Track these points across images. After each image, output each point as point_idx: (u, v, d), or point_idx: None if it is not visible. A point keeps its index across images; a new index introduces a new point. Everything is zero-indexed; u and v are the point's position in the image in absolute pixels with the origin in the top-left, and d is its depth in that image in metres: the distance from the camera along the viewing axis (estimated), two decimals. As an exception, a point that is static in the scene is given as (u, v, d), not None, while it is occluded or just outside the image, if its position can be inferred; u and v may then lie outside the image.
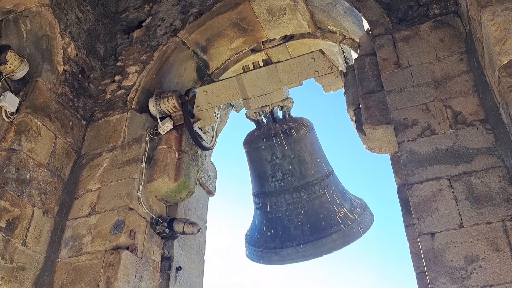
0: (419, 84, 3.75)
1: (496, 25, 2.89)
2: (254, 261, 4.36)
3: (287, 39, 5.59)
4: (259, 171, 4.58)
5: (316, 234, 4.08)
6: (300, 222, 4.16)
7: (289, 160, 4.40)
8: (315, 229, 4.11)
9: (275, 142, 4.42)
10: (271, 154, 4.44)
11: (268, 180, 4.43)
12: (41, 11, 5.06)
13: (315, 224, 4.14)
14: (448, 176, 3.24)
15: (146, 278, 4.23)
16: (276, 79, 4.56)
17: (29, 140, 4.49)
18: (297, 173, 4.35)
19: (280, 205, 4.33)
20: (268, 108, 4.62)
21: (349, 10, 4.71)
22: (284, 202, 4.31)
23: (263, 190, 4.51)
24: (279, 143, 4.38)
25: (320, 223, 4.13)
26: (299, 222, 4.16)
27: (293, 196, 4.30)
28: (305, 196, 4.26)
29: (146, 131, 4.83)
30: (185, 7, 5.65)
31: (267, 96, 4.56)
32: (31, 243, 4.23)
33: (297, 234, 4.15)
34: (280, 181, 4.35)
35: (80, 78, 5.36)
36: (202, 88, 4.92)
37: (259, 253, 4.29)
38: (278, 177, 4.35)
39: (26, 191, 4.31)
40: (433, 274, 2.91)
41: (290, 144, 4.47)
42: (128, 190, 4.40)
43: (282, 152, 4.42)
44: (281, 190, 4.35)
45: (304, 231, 4.13)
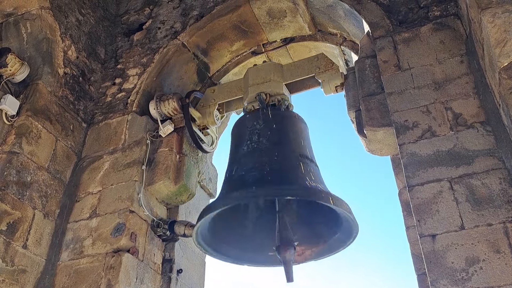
0: (420, 86, 3.76)
1: (497, 27, 2.89)
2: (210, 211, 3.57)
3: (287, 42, 5.60)
4: (236, 143, 4.08)
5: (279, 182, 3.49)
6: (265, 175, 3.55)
7: (270, 126, 3.95)
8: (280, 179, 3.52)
9: (261, 113, 4.13)
10: (253, 121, 4.05)
11: (242, 146, 3.91)
12: (42, 14, 5.07)
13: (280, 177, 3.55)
14: (449, 178, 3.24)
15: (147, 281, 4.23)
16: (280, 73, 4.57)
17: (30, 143, 4.49)
18: (276, 139, 3.86)
19: (246, 164, 3.75)
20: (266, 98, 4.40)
21: (349, 12, 4.72)
22: (251, 162, 3.73)
23: (234, 158, 4.00)
24: (264, 113, 4.11)
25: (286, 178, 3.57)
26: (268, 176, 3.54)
27: (262, 156, 3.72)
28: (277, 159, 3.68)
29: (146, 133, 4.84)
30: (186, 9, 5.66)
31: (267, 84, 4.48)
32: (32, 246, 4.22)
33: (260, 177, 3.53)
34: (255, 143, 3.86)
35: (80, 81, 5.36)
36: (212, 88, 5.14)
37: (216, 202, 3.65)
38: (254, 139, 3.89)
39: (27, 194, 4.31)
40: (434, 276, 2.91)
41: (276, 117, 4.10)
42: (129, 193, 4.40)
43: (265, 120, 4.03)
44: (253, 152, 3.81)
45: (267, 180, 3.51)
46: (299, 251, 3.69)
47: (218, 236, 3.73)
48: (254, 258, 3.89)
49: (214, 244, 3.73)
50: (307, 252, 3.75)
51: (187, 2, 5.73)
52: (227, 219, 3.77)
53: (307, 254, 3.74)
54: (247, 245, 3.84)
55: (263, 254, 3.79)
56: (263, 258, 3.83)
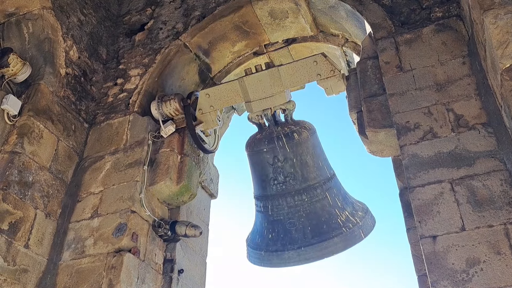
0: (421, 87, 3.76)
1: (499, 28, 2.89)
2: (255, 264, 4.36)
3: (289, 42, 5.61)
4: (261, 174, 4.59)
5: (317, 237, 4.07)
6: (302, 225, 4.16)
7: (291, 163, 4.40)
8: (316, 232, 4.10)
9: (277, 145, 4.43)
10: (273, 157, 4.45)
11: (270, 183, 4.43)
12: (43, 14, 5.08)
13: (316, 227, 4.13)
14: (450, 180, 3.24)
15: (149, 281, 4.23)
16: (279, 82, 4.58)
17: (32, 143, 4.50)
18: (299, 176, 4.36)
19: (281, 208, 4.33)
20: (270, 111, 4.65)
21: (351, 13, 4.72)
22: (286, 205, 4.31)
23: (264, 193, 4.51)
24: (281, 146, 4.39)
25: (321, 226, 4.12)
26: (300, 225, 4.16)
27: (294, 199, 4.30)
28: (307, 199, 4.27)
29: (148, 134, 4.84)
30: (188, 10, 5.66)
31: (269, 99, 4.59)
32: (33, 245, 4.23)
33: (298, 237, 4.15)
34: (282, 183, 4.35)
35: (82, 81, 5.37)
36: (204, 91, 4.96)
37: (260, 256, 4.29)
38: (280, 179, 4.36)
39: (29, 194, 4.32)
40: (434, 277, 2.91)
41: (292, 147, 4.48)
42: (131, 193, 4.40)
43: (284, 155, 4.43)
44: (282, 193, 4.35)
45: (306, 234, 4.12)
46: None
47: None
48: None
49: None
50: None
51: (189, 2, 5.73)
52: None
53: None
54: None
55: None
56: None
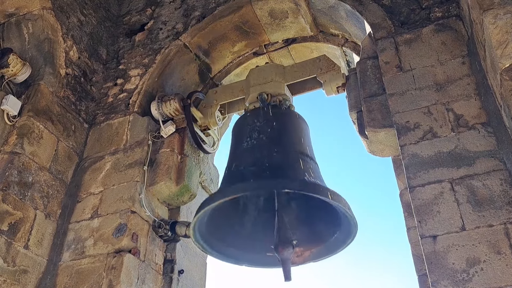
0: (421, 87, 3.76)
1: (498, 28, 2.89)
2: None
3: (289, 43, 5.60)
4: (236, 141, 4.07)
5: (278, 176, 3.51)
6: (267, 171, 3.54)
7: (270, 124, 3.95)
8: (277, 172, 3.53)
9: (261, 112, 4.14)
10: (254, 119, 4.06)
11: (242, 143, 3.91)
12: (43, 14, 5.08)
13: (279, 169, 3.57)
14: (450, 179, 3.24)
15: (149, 281, 4.23)
16: (281, 74, 4.58)
17: (31, 143, 4.50)
18: (275, 136, 3.86)
19: (245, 160, 3.75)
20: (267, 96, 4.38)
21: (351, 13, 4.72)
22: (250, 157, 3.73)
23: (234, 155, 3.99)
24: (265, 112, 4.11)
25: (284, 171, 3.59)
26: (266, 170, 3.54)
27: (261, 152, 3.70)
28: (277, 154, 3.69)
29: (148, 134, 4.84)
30: (188, 10, 5.66)
31: (268, 84, 4.48)
32: (33, 246, 4.23)
33: (257, 172, 3.55)
34: (254, 140, 3.85)
35: (82, 81, 5.37)
36: (214, 89, 5.17)
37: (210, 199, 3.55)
38: (253, 136, 3.88)
39: (29, 195, 4.32)
40: (434, 277, 2.91)
41: (276, 115, 4.10)
42: (131, 193, 4.40)
43: (265, 118, 4.03)
44: (252, 148, 3.81)
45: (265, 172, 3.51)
46: (298, 252, 3.68)
47: (216, 235, 3.69)
48: (253, 259, 3.84)
49: (212, 242, 3.69)
50: (306, 253, 3.73)
51: (189, 2, 5.73)
52: (225, 217, 3.75)
53: (306, 255, 3.73)
54: (246, 245, 3.80)
55: (262, 254, 3.75)
56: (262, 258, 3.79)
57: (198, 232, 3.57)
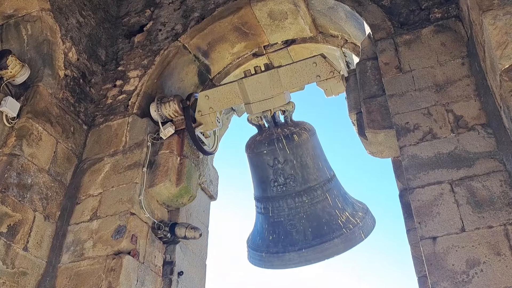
0: (421, 88, 3.75)
1: (498, 29, 2.89)
2: (256, 266, 4.36)
3: (288, 44, 5.60)
4: (261, 176, 4.59)
5: (318, 238, 4.08)
6: (302, 227, 4.16)
7: (291, 164, 4.40)
8: (317, 233, 4.11)
9: (277, 147, 4.44)
10: (273, 158, 4.46)
11: (270, 185, 4.43)
12: (42, 16, 5.07)
13: (317, 228, 4.14)
14: (450, 181, 3.24)
15: (148, 283, 4.22)
16: (278, 83, 4.58)
17: (30, 145, 4.49)
18: (299, 177, 4.36)
19: (282, 210, 4.34)
20: (270, 112, 4.65)
21: (350, 14, 4.71)
22: (286, 207, 4.32)
23: (265, 194, 4.52)
24: (281, 148, 4.40)
25: (322, 228, 4.13)
26: (301, 226, 4.17)
27: (295, 201, 4.31)
28: (307, 201, 4.27)
29: (147, 135, 4.83)
30: (187, 11, 5.66)
31: (269, 101, 4.58)
32: (32, 248, 4.22)
33: (299, 238, 4.15)
34: (282, 185, 4.36)
35: (81, 83, 5.37)
36: (204, 93, 4.96)
37: (261, 257, 4.29)
38: (280, 181, 4.37)
39: (28, 196, 4.31)
40: (434, 279, 2.91)
41: (292, 149, 4.48)
42: (130, 195, 4.40)
43: (284, 156, 4.42)
44: (283, 194, 4.35)
45: (306, 236, 4.13)
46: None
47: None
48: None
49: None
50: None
51: (188, 3, 5.73)
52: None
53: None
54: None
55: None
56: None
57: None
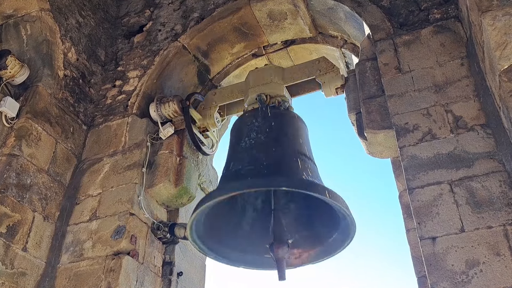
0: (420, 88, 3.76)
1: (497, 30, 2.89)
2: None
3: (288, 44, 5.60)
4: (234, 140, 4.05)
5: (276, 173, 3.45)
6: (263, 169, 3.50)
7: (268, 124, 3.90)
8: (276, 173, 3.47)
9: (260, 112, 4.06)
10: (252, 119, 4.01)
11: (240, 143, 3.87)
12: (42, 16, 5.07)
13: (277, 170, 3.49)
14: (449, 181, 3.24)
15: (148, 284, 4.22)
16: (280, 75, 4.54)
17: (30, 145, 4.49)
18: (273, 136, 3.81)
19: (243, 159, 3.71)
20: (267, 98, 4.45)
21: (350, 15, 4.72)
22: (248, 156, 3.69)
23: (232, 155, 3.95)
24: (263, 111, 4.03)
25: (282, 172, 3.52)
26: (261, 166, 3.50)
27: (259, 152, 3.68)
28: (274, 154, 3.63)
29: (147, 136, 4.83)
30: (186, 11, 5.66)
31: (267, 85, 4.44)
32: (31, 248, 4.22)
33: (256, 173, 3.49)
34: (252, 139, 3.80)
35: (80, 83, 5.36)
36: (213, 91, 5.12)
37: None
38: (252, 136, 3.83)
39: (27, 197, 4.31)
40: (434, 279, 2.91)
41: (275, 115, 4.04)
42: (129, 195, 4.39)
43: (264, 118, 3.98)
44: (250, 147, 3.76)
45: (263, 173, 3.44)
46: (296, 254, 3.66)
47: (213, 235, 3.62)
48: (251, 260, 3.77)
49: (209, 243, 3.60)
50: (305, 255, 3.69)
51: (187, 4, 5.73)
52: (223, 217, 3.70)
53: (304, 257, 3.69)
54: (243, 247, 3.73)
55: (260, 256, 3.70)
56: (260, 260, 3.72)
57: (195, 232, 3.49)
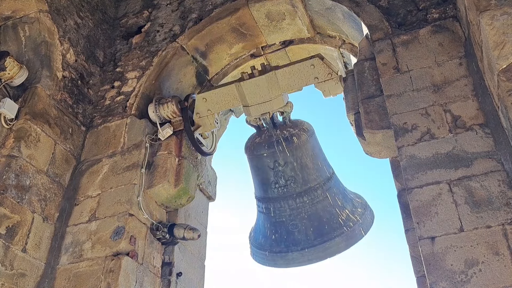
0: (419, 88, 3.76)
1: (495, 29, 2.90)
2: (260, 263, 4.46)
3: (286, 44, 5.60)
4: (262, 177, 4.65)
5: (319, 238, 4.15)
6: (304, 227, 4.23)
7: (291, 166, 4.46)
8: (318, 233, 4.18)
9: (276, 149, 4.51)
10: (274, 161, 4.53)
11: (271, 186, 4.50)
12: (40, 17, 5.06)
13: (318, 228, 4.21)
14: (448, 181, 3.24)
15: (147, 284, 4.22)
16: (276, 86, 4.55)
17: (29, 147, 4.49)
18: (299, 178, 4.42)
19: (283, 210, 4.41)
20: (269, 114, 4.62)
21: (348, 15, 4.72)
22: (288, 207, 4.39)
23: (266, 195, 4.59)
24: (280, 151, 4.47)
25: (323, 227, 4.20)
26: (303, 226, 4.25)
27: (296, 202, 4.38)
28: (308, 201, 4.35)
29: (145, 137, 4.83)
30: (184, 12, 5.66)
31: (268, 103, 4.55)
32: (31, 249, 4.22)
33: (301, 238, 4.21)
34: (283, 187, 4.44)
35: (79, 84, 5.36)
36: (201, 95, 4.87)
37: (264, 256, 4.37)
38: (281, 183, 4.45)
39: (26, 198, 4.30)
40: (433, 278, 2.91)
41: (292, 151, 4.53)
42: (128, 196, 4.39)
43: (284, 159, 4.49)
44: (284, 195, 4.42)
45: (308, 235, 4.19)
46: None
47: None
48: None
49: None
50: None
51: (185, 5, 5.73)
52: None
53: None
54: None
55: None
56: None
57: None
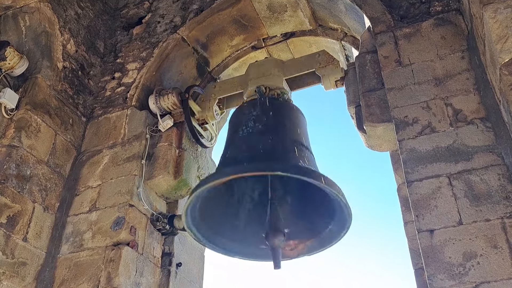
0: (420, 82, 3.76)
1: (498, 22, 2.89)
2: None
3: (288, 36, 5.59)
4: (232, 129, 4.05)
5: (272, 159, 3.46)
6: (259, 155, 3.54)
7: (266, 114, 3.90)
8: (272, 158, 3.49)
9: (258, 101, 4.07)
10: (250, 109, 4.01)
11: (238, 132, 3.87)
12: (40, 7, 5.06)
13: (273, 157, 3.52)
14: (448, 174, 3.25)
15: (147, 274, 4.24)
16: (280, 68, 4.54)
17: (29, 137, 4.49)
18: (271, 125, 3.81)
19: (240, 146, 3.76)
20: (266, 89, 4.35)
21: (350, 7, 4.71)
22: (245, 144, 3.73)
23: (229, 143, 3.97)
24: (262, 101, 4.06)
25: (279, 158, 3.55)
26: (257, 153, 3.55)
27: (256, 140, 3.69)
28: (271, 142, 3.64)
29: (146, 128, 4.84)
30: (185, 3, 5.64)
31: (267, 77, 4.45)
32: (32, 239, 4.23)
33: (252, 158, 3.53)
34: (250, 128, 3.80)
35: (79, 75, 5.36)
36: (213, 84, 5.10)
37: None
38: (249, 125, 3.83)
39: (27, 188, 4.31)
40: (431, 271, 2.93)
41: (273, 105, 4.06)
42: (129, 187, 4.41)
43: (262, 107, 3.99)
44: (247, 135, 3.78)
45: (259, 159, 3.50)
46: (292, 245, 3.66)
47: (209, 223, 3.60)
48: (246, 251, 3.76)
49: (204, 231, 3.58)
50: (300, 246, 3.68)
51: (186, -4, 5.71)
52: (219, 206, 3.69)
53: (300, 248, 3.68)
54: (239, 237, 3.71)
55: (255, 247, 3.70)
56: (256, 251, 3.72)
57: (191, 218, 3.45)
